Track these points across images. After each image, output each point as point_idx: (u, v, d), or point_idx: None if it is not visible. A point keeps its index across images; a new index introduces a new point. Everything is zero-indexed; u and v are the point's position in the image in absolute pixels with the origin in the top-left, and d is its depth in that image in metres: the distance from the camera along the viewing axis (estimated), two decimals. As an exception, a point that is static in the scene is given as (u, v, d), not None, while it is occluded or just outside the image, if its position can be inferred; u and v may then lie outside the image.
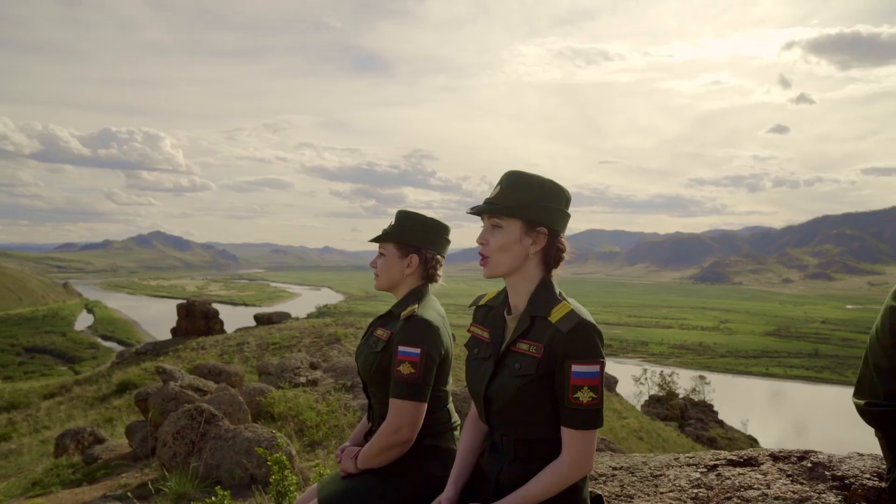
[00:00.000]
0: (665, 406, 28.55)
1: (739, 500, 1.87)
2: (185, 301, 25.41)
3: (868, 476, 1.90)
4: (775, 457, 2.14)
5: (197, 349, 20.23)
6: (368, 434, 2.25)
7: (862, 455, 2.05)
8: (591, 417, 1.60)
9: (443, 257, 2.28)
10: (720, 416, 30.22)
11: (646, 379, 35.80)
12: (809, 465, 2.02)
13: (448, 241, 2.29)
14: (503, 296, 1.86)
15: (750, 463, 2.12)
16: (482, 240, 1.75)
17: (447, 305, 2.33)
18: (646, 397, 30.65)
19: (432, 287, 2.27)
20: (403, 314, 2.11)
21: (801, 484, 1.92)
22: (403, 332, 2.05)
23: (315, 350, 17.31)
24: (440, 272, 2.27)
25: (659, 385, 31.39)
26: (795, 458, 2.10)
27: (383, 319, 2.26)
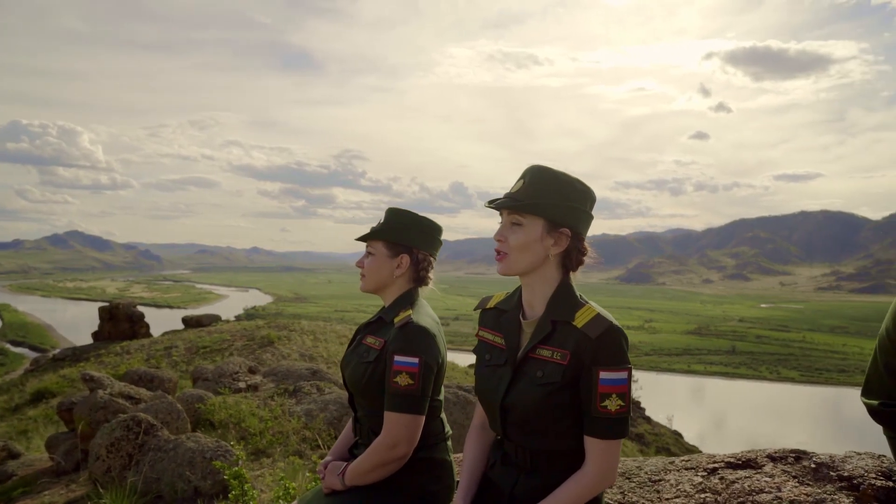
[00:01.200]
0: (596, 404, 29.10)
1: (754, 505, 1.81)
2: (107, 303, 24.15)
3: (874, 476, 1.88)
4: (773, 458, 2.10)
5: (121, 354, 19.25)
6: (354, 447, 2.09)
7: (860, 454, 2.03)
8: (618, 426, 1.51)
9: (434, 259, 2.13)
10: (647, 413, 31.07)
11: (577, 378, 36.54)
12: (813, 465, 1.98)
13: (440, 243, 2.14)
14: (516, 298, 1.73)
15: (749, 465, 2.07)
16: (500, 236, 1.63)
17: (374, 305, 2.17)
18: (578, 396, 31.21)
19: (422, 290, 2.11)
20: (397, 321, 1.95)
21: (810, 486, 1.88)
22: (399, 341, 1.89)
23: (248, 353, 16.78)
24: (431, 275, 2.12)
25: (590, 383, 32.04)
26: (792, 459, 2.07)
27: (373, 326, 2.09)
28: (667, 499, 1.96)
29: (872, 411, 1.76)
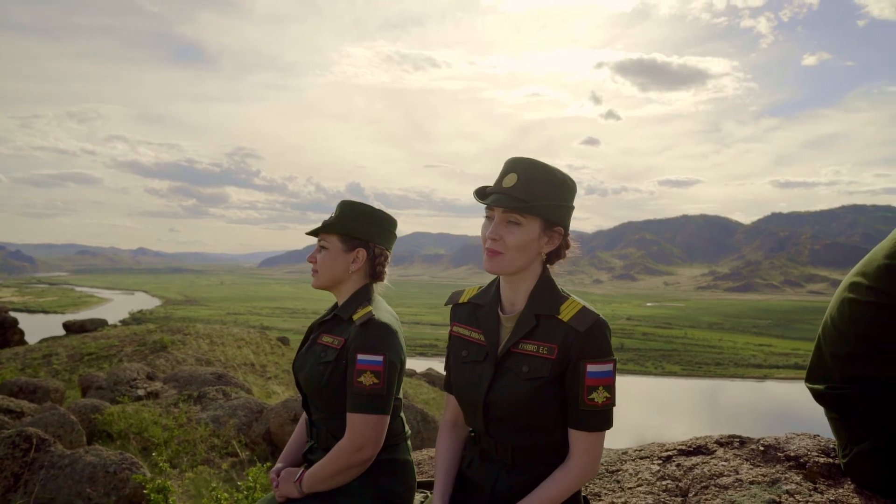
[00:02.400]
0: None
1: (718, 488, 1.87)
2: (-27, 309, 22.02)
3: (816, 454, 1.99)
4: (721, 443, 2.17)
5: (-9, 364, 17.56)
6: (309, 452, 1.96)
7: (799, 435, 2.15)
8: (603, 419, 1.50)
9: (390, 253, 2.04)
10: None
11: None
12: (761, 448, 2.07)
13: (395, 237, 2.06)
14: (492, 293, 1.68)
15: (701, 451, 2.14)
16: (495, 234, 1.53)
17: (268, 307, 2.06)
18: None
19: (377, 287, 2.02)
20: (357, 318, 1.85)
21: (763, 467, 1.96)
22: (361, 339, 1.80)
23: (139, 359, 15.82)
24: (388, 270, 2.03)
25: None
26: (738, 443, 2.15)
27: (328, 324, 1.97)
28: (629, 488, 1.98)
29: (819, 395, 1.85)
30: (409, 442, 1.97)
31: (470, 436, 1.75)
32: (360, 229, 1.95)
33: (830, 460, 1.94)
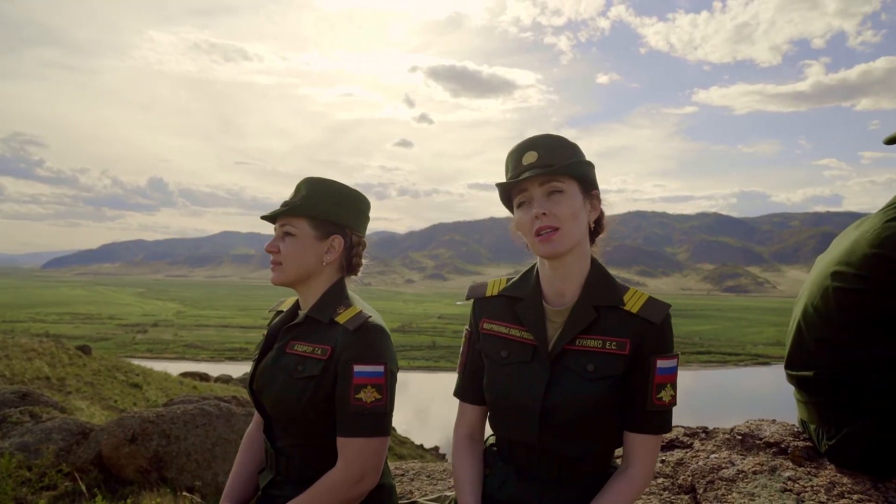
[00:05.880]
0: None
1: (725, 482, 1.81)
2: None
3: (792, 439, 2.01)
4: (689, 434, 2.14)
5: None
6: (271, 486, 1.57)
7: (764, 421, 2.18)
8: (668, 419, 1.37)
9: (365, 242, 1.71)
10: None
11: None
12: (738, 437, 2.06)
13: (368, 221, 1.73)
14: (532, 283, 1.45)
15: (676, 445, 2.09)
16: (543, 209, 1.32)
17: (55, 313, 1.66)
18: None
19: (349, 282, 1.68)
20: (344, 321, 1.50)
21: (750, 456, 1.94)
22: (357, 347, 1.46)
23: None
24: (364, 262, 1.71)
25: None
26: (704, 434, 2.13)
27: (298, 329, 1.58)
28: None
29: (804, 381, 1.87)
30: (387, 462, 1.68)
31: (492, 450, 1.51)
32: (334, 212, 1.59)
33: (808, 444, 1.97)
